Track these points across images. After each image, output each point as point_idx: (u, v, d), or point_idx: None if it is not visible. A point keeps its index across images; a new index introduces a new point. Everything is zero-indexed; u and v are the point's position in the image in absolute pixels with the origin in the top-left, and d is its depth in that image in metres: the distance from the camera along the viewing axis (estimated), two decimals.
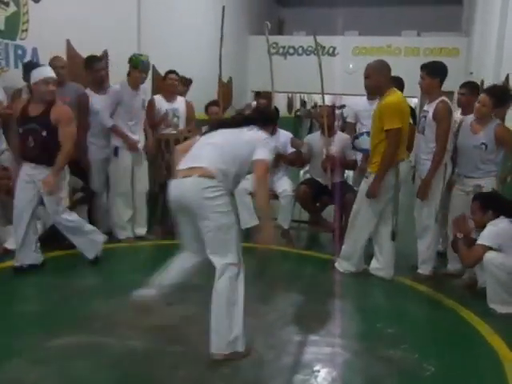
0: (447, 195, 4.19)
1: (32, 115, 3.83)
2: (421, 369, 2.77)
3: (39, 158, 3.86)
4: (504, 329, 3.30)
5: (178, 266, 3.01)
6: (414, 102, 11.82)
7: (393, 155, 3.84)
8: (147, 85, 5.30)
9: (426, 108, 4.12)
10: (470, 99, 4.23)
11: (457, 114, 4.38)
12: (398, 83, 4.31)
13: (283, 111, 17.14)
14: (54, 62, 4.72)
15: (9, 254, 4.22)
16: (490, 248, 3.50)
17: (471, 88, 4.44)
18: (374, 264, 4.22)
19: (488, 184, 3.95)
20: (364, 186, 4.02)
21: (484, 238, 3.55)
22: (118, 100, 4.76)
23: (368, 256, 4.31)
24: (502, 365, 2.86)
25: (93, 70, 4.95)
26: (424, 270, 4.18)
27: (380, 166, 3.86)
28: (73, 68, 5.64)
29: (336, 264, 4.30)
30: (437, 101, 3.98)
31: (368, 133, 4.69)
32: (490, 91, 4.02)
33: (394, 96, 3.86)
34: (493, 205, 3.68)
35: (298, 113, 17.51)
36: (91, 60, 5.09)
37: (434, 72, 4.01)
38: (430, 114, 3.99)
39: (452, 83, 5.05)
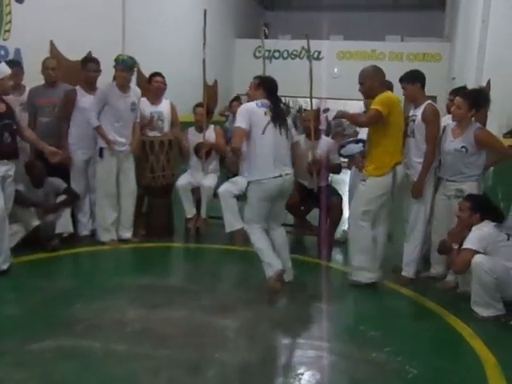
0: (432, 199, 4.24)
1: (2, 111, 3.91)
2: (404, 371, 2.79)
3: (15, 152, 4.01)
4: (486, 332, 3.34)
5: (270, 243, 3.96)
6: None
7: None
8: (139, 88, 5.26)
9: (413, 112, 4.18)
10: None
11: (444, 119, 4.43)
12: (388, 87, 4.36)
13: None
14: (45, 63, 4.77)
15: None
16: (476, 252, 3.53)
17: (459, 94, 4.50)
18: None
19: (469, 188, 4.00)
20: (362, 189, 4.03)
21: (470, 242, 3.59)
22: (104, 100, 4.73)
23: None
24: (483, 368, 2.88)
25: (85, 69, 4.94)
26: (408, 272, 4.21)
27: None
28: (57, 69, 5.59)
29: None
30: (424, 104, 4.08)
31: (357, 140, 4.72)
32: (464, 94, 4.10)
33: (386, 93, 3.96)
34: (482, 208, 3.72)
35: None
36: (85, 60, 5.12)
37: (413, 79, 4.15)
38: (419, 117, 4.07)
39: (435, 88, 5.13)
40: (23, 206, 4.48)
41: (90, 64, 4.98)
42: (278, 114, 3.89)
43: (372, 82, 3.95)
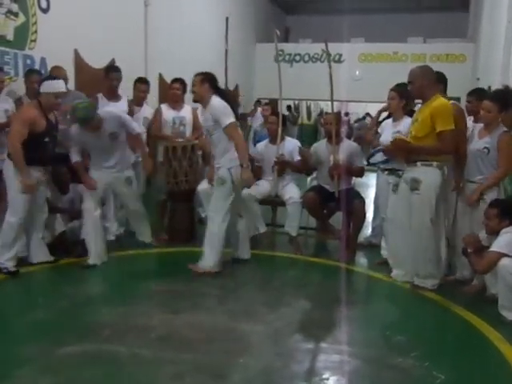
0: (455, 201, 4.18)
1: (53, 123, 4.21)
2: (431, 377, 2.74)
3: (50, 160, 4.29)
4: None
5: None
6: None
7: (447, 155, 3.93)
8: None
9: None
10: (478, 106, 4.22)
11: (469, 122, 4.37)
12: (442, 81, 4.32)
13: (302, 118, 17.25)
14: (54, 73, 4.70)
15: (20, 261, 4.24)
16: (504, 255, 3.47)
17: (478, 95, 4.43)
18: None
19: (490, 191, 3.93)
20: (403, 186, 4.02)
21: (498, 245, 3.52)
22: (80, 142, 4.45)
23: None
24: (510, 370, 2.82)
25: (108, 78, 5.01)
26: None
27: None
28: (81, 77, 5.70)
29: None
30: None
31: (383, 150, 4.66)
32: (493, 97, 4.02)
33: (444, 100, 3.90)
34: (510, 214, 3.65)
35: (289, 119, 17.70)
36: (110, 68, 5.18)
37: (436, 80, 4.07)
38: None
39: (459, 89, 5.06)
40: (49, 212, 4.56)
41: (112, 73, 5.05)
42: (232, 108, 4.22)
43: (422, 81, 3.90)
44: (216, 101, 4.10)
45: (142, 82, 5.40)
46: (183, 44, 8.51)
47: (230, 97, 4.22)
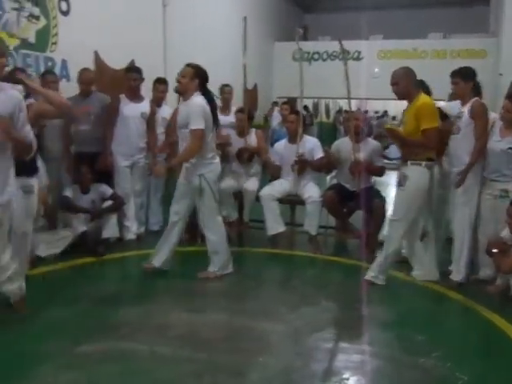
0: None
1: None
2: (453, 378, 2.71)
3: None
4: None
5: None
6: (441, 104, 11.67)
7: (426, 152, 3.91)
8: None
9: (459, 109, 4.11)
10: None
11: (492, 116, 4.30)
12: (424, 86, 4.28)
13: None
14: (81, 77, 4.89)
15: (41, 260, 4.30)
16: None
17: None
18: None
19: None
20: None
21: None
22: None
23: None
24: None
25: (128, 78, 5.05)
26: (457, 276, 4.11)
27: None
28: (101, 78, 5.76)
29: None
30: (471, 101, 4.03)
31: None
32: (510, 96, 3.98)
33: (427, 98, 3.94)
34: None
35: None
36: (128, 69, 5.23)
37: (467, 76, 4.09)
38: (467, 114, 4.02)
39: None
40: (71, 211, 4.62)
41: (131, 73, 5.09)
42: (214, 110, 4.04)
43: (406, 82, 3.93)
44: (198, 100, 3.91)
45: (160, 83, 5.43)
46: (201, 44, 8.54)
47: (214, 103, 4.07)
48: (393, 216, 4.06)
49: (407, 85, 3.93)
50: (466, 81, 4.07)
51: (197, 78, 3.93)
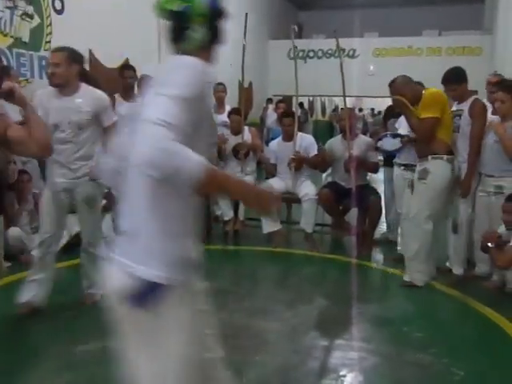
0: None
1: None
2: (450, 374, 2.72)
3: None
4: None
5: None
6: None
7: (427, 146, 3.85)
8: None
9: (457, 107, 4.10)
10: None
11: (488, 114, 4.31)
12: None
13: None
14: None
15: None
16: None
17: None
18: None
19: (508, 184, 3.86)
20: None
21: None
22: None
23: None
24: None
25: (123, 75, 5.03)
26: (457, 270, 4.12)
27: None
28: (95, 77, 5.72)
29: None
30: (471, 99, 4.02)
31: (393, 134, 4.65)
32: (505, 87, 3.96)
33: (433, 89, 3.89)
34: None
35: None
36: (123, 67, 5.20)
37: (459, 79, 4.05)
38: (466, 113, 4.00)
39: (476, 82, 4.98)
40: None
41: (126, 71, 5.07)
42: None
43: (411, 90, 3.90)
44: (99, 92, 3.35)
45: None
46: None
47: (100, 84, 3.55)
48: (411, 213, 3.92)
49: (411, 91, 3.89)
50: (460, 83, 4.03)
51: (75, 64, 3.21)
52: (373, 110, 18.42)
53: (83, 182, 3.34)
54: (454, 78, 4.04)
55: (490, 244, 3.65)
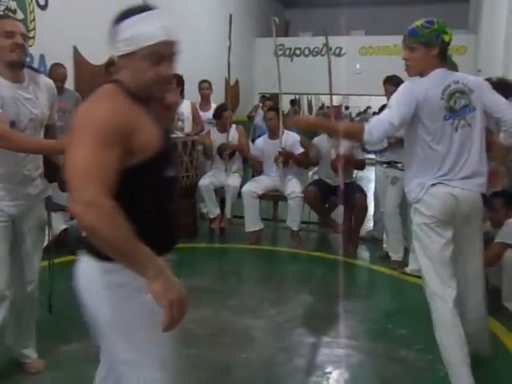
0: None
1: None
2: (434, 370, 2.74)
3: None
4: None
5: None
6: None
7: None
8: None
9: None
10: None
11: None
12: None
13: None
14: (53, 70, 4.73)
15: None
16: (509, 246, 3.46)
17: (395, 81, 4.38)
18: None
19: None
20: None
21: (504, 236, 3.50)
22: None
23: None
24: None
25: (110, 72, 4.98)
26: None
27: None
28: (80, 74, 5.68)
29: None
30: None
31: None
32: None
33: None
34: None
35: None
36: (110, 63, 5.15)
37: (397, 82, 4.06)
38: None
39: None
40: (51, 210, 4.55)
41: (111, 68, 5.03)
42: None
43: None
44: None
45: None
46: (183, 40, 8.45)
47: None
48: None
49: None
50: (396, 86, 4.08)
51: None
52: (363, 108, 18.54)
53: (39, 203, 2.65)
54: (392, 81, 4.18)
55: None
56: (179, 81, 5.24)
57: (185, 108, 5.37)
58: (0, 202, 2.37)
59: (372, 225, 5.41)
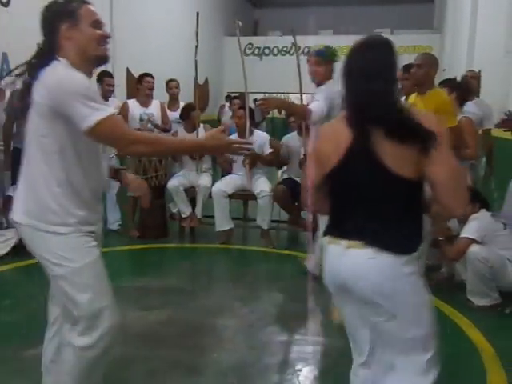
0: None
1: None
2: None
3: None
4: (482, 321, 3.34)
5: None
6: None
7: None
8: None
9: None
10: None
11: None
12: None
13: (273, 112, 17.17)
14: None
15: None
16: (474, 241, 3.54)
17: (450, 86, 4.49)
18: None
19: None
20: None
21: (468, 231, 3.59)
22: None
23: None
24: (480, 357, 2.89)
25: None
26: None
27: None
28: None
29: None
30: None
31: None
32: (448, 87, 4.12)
33: (444, 95, 3.85)
34: (479, 198, 3.72)
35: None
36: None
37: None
38: None
39: None
40: None
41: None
42: None
43: (429, 70, 3.77)
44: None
45: (107, 76, 5.30)
46: (151, 38, 8.39)
47: None
48: None
49: (429, 72, 3.77)
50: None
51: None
52: None
53: None
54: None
55: (440, 238, 3.77)
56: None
57: (154, 109, 5.32)
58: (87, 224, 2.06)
59: None
